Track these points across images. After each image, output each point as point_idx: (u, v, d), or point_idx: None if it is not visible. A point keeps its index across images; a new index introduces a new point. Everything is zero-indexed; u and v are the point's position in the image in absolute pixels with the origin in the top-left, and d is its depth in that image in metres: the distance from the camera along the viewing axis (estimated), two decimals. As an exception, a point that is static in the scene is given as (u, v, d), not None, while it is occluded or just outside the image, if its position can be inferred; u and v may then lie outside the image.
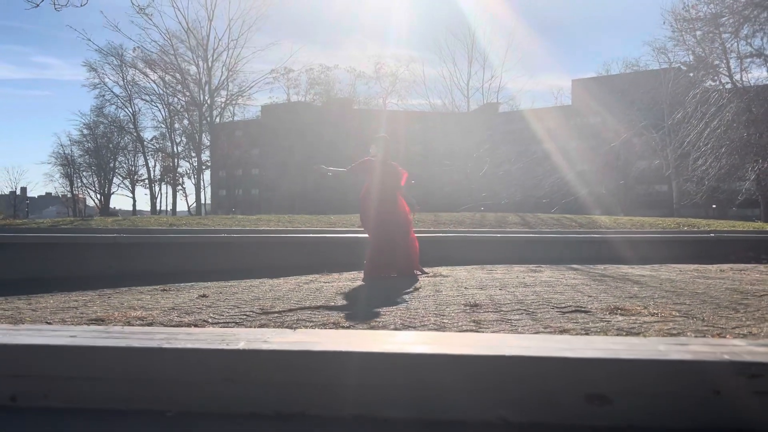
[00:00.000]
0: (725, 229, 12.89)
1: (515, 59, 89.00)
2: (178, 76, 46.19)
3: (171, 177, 54.62)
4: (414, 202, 5.94)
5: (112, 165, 57.44)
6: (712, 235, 9.94)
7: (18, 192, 70.12)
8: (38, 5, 7.68)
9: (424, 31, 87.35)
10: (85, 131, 56.39)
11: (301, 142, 52.71)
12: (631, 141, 36.41)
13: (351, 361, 1.80)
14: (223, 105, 49.23)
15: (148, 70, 47.35)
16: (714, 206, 39.37)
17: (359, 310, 3.31)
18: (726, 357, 1.72)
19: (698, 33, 23.23)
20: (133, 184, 57.13)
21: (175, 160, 53.60)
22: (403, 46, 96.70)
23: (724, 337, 2.26)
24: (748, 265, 6.86)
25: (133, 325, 2.63)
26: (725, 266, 6.67)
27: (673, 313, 2.95)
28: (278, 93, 68.83)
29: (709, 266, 6.68)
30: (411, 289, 4.39)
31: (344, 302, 3.68)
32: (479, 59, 54.27)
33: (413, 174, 6.04)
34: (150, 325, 2.71)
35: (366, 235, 5.92)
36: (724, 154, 22.82)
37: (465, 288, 4.36)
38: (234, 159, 54.13)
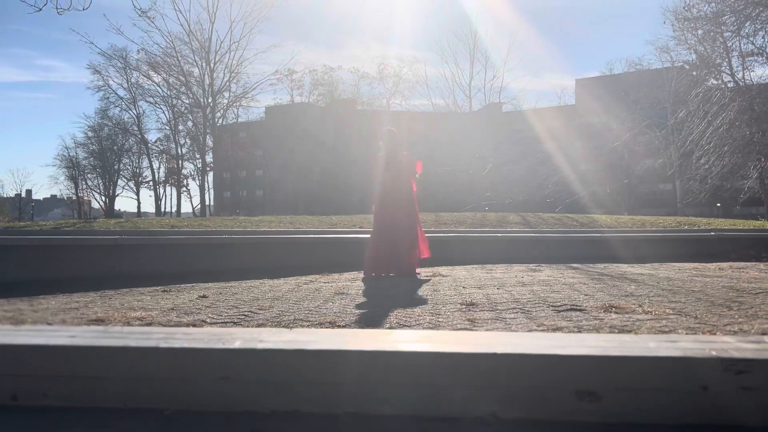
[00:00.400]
0: (726, 227, 12.87)
1: (517, 59, 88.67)
2: (181, 78, 46.37)
3: (175, 179, 54.73)
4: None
5: (116, 167, 57.62)
6: (713, 233, 9.93)
7: (23, 194, 70.39)
8: (41, 9, 7.72)
9: (426, 31, 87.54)
10: (90, 133, 56.62)
11: (305, 142, 52.76)
12: (634, 140, 36.31)
13: (345, 360, 1.83)
14: (226, 107, 49.39)
15: (151, 73, 47.59)
16: (718, 205, 39.26)
17: (356, 310, 3.34)
18: (714, 353, 1.75)
19: (700, 32, 23.18)
20: (138, 186, 57.34)
21: (180, 162, 53.73)
22: (405, 47, 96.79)
23: (715, 334, 2.28)
24: (748, 264, 6.86)
25: (132, 326, 2.67)
26: (725, 264, 6.67)
27: (667, 311, 2.97)
28: (282, 94, 69.12)
29: (709, 265, 6.68)
30: (409, 289, 4.42)
31: (342, 302, 3.71)
32: (481, 59, 54.35)
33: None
34: (149, 325, 2.75)
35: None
36: (726, 152, 22.74)
37: (463, 287, 4.39)
38: (238, 160, 54.22)
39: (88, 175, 58.69)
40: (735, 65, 24.71)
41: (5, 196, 67.39)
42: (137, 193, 57.19)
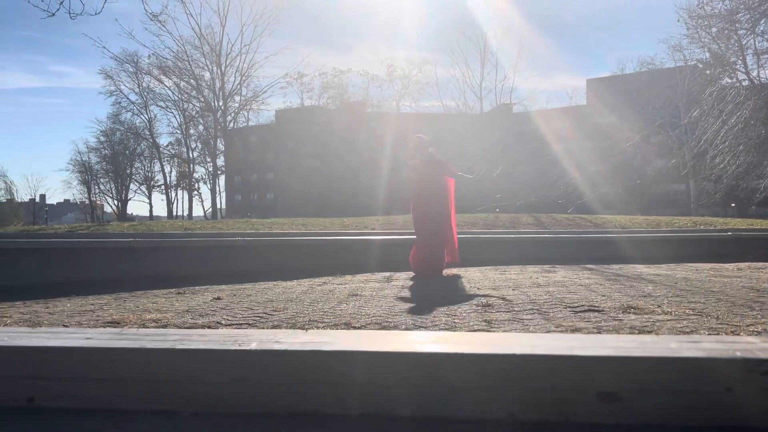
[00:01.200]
0: (743, 227, 12.72)
1: (528, 59, 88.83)
2: (192, 82, 46.71)
3: (187, 182, 55.14)
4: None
5: (128, 171, 58.14)
6: (729, 233, 9.81)
7: (37, 199, 71.16)
8: (53, 14, 7.75)
9: (436, 32, 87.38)
10: (102, 138, 57.27)
11: (316, 145, 52.93)
12: (647, 140, 36.02)
13: (361, 361, 1.82)
14: (236, 110, 49.67)
15: (163, 77, 47.99)
16: (733, 205, 38.83)
17: (371, 311, 3.32)
18: (738, 354, 1.71)
19: (713, 30, 22.91)
20: (150, 189, 57.79)
21: (191, 166, 54.11)
22: (415, 48, 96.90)
23: (738, 334, 2.24)
24: (767, 264, 6.76)
25: (147, 327, 2.66)
26: (743, 265, 6.58)
27: (687, 311, 2.92)
28: (292, 97, 69.59)
29: (726, 265, 6.60)
30: (423, 291, 4.39)
31: (356, 303, 3.69)
32: (492, 60, 54.25)
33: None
34: (164, 327, 2.75)
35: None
36: (741, 152, 22.49)
37: (477, 288, 4.36)
38: (249, 164, 54.51)
39: (101, 180, 59.33)
40: (750, 63, 24.41)
41: (19, 201, 68.13)
42: (149, 197, 57.70)
